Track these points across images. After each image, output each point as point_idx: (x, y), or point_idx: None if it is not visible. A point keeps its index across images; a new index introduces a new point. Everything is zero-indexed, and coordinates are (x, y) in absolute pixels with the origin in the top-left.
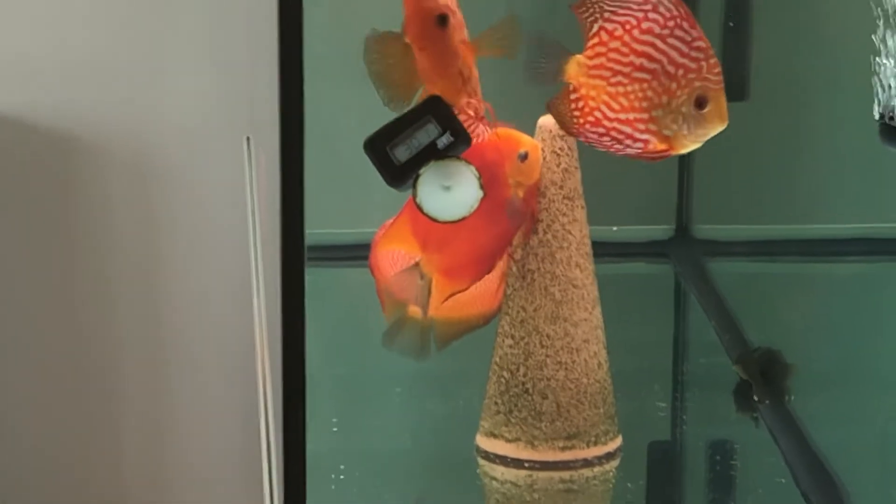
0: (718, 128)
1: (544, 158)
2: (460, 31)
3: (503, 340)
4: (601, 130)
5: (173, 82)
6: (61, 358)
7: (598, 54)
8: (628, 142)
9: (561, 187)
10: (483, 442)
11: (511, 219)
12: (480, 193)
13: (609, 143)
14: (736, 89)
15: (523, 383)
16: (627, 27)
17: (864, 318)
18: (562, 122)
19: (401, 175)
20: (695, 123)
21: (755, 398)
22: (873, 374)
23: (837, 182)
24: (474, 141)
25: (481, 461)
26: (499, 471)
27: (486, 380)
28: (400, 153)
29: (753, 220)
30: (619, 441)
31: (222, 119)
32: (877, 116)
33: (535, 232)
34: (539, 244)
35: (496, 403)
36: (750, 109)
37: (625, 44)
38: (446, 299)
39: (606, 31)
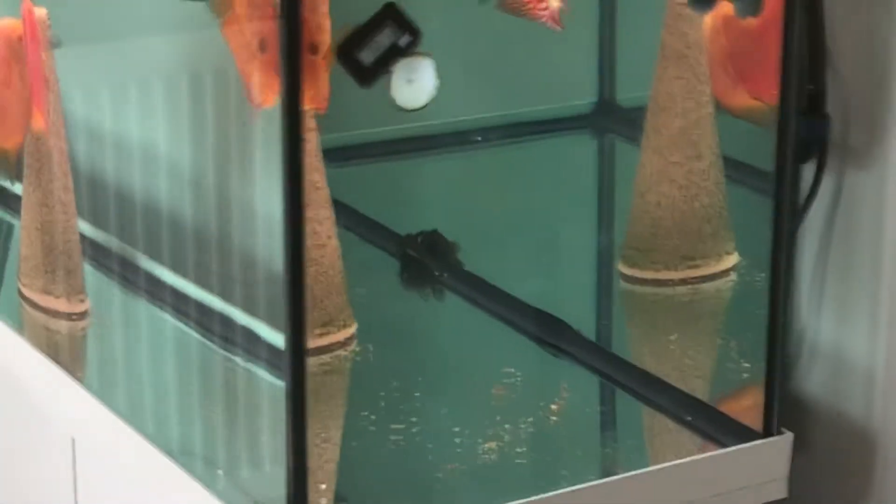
0: None
1: None
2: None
3: None
4: None
5: None
6: None
7: None
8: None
9: None
10: None
11: None
12: (437, 81)
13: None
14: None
15: None
16: None
17: (506, 193)
18: None
19: (369, 75)
20: None
21: (435, 273)
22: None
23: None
24: None
25: None
26: None
27: None
28: (366, 56)
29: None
30: (355, 325)
31: None
32: None
33: None
34: None
35: None
36: None
37: None
38: None
39: None
